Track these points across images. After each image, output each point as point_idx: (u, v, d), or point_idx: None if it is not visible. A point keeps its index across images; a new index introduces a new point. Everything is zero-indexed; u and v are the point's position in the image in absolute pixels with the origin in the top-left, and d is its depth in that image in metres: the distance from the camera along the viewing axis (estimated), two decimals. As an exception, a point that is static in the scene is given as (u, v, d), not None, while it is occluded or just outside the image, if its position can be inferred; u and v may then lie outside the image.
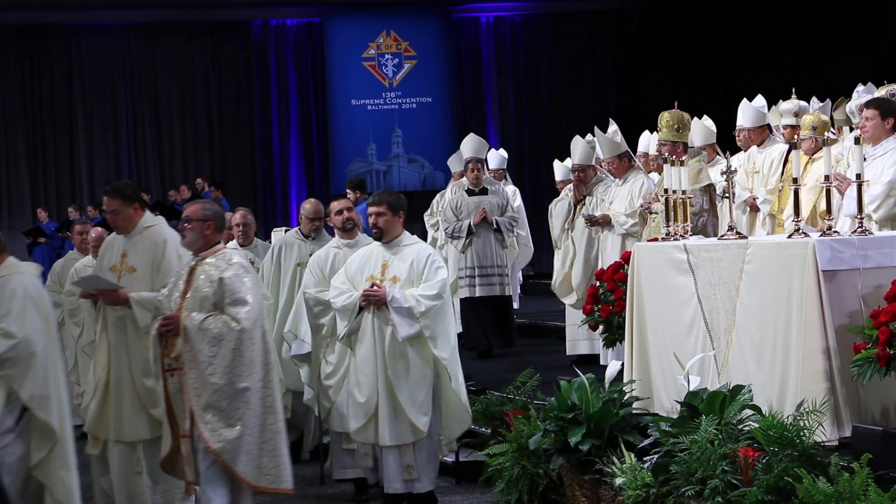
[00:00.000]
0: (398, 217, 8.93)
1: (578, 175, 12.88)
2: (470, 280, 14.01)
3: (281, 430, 7.84)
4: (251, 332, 7.68)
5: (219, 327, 7.64)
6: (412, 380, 8.73)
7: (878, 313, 7.10)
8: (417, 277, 8.76)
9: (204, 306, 7.73)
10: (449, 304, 8.84)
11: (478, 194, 14.11)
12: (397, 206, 8.93)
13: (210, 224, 7.87)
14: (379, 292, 8.69)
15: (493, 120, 26.56)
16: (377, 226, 8.89)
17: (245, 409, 7.64)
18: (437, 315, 8.67)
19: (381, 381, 8.74)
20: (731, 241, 8.48)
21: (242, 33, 26.24)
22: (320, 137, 26.39)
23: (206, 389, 7.63)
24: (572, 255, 12.78)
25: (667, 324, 8.95)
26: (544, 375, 10.42)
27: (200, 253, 7.90)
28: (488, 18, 26.88)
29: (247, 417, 7.65)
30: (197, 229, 7.85)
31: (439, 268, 8.79)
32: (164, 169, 26.16)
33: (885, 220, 9.24)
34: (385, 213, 8.89)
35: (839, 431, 7.50)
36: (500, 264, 14.05)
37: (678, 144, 11.15)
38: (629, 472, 7.75)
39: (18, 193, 25.28)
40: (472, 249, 13.98)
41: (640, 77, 24.84)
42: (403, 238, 8.97)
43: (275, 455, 7.76)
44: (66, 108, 25.58)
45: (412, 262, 8.80)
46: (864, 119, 9.42)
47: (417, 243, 8.99)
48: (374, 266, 8.89)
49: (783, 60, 20.58)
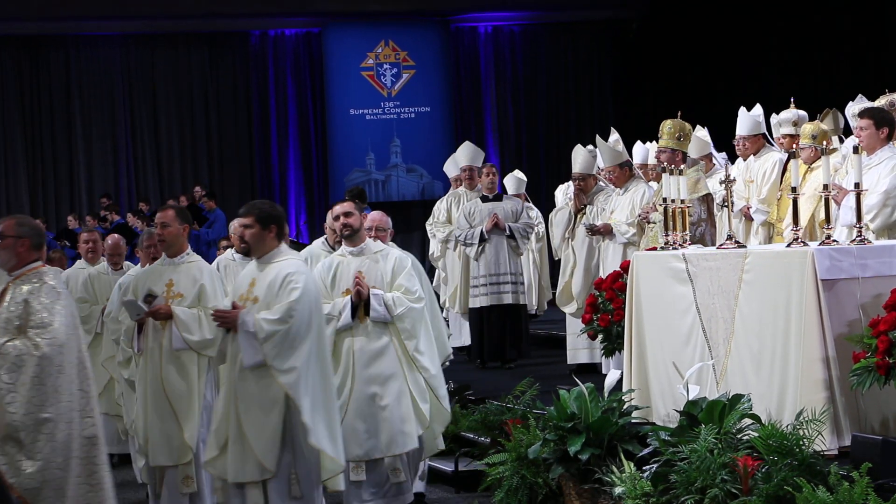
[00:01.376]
0: (269, 231, 7.90)
1: (579, 184, 12.85)
2: (483, 288, 13.78)
3: (104, 462, 7.28)
4: (54, 359, 7.01)
5: (19, 352, 7.01)
6: (258, 411, 7.77)
7: (877, 322, 7.10)
8: (273, 299, 7.77)
9: (8, 329, 7.10)
10: (298, 330, 7.72)
11: (492, 200, 13.95)
12: (268, 218, 7.92)
13: (25, 241, 7.27)
14: (228, 315, 7.81)
15: (492, 129, 26.57)
16: (243, 239, 7.99)
17: (47, 441, 6.98)
18: (280, 341, 7.65)
19: (232, 412, 7.87)
20: (730, 250, 8.49)
21: (241, 44, 26.25)
22: (319, 147, 26.40)
23: (2, 420, 6.95)
24: (572, 264, 12.75)
25: (666, 333, 8.95)
26: (544, 384, 10.42)
27: (14, 272, 7.26)
28: (487, 28, 26.90)
29: (49, 450, 6.99)
30: (10, 247, 7.26)
31: (293, 289, 7.72)
32: (162, 179, 26.15)
33: (881, 229, 9.26)
34: (252, 226, 7.90)
35: (839, 440, 7.50)
36: (513, 272, 13.80)
37: (677, 153, 11.14)
38: (628, 481, 7.74)
39: (17, 203, 25.27)
40: (484, 257, 13.79)
41: (638, 87, 24.88)
42: (275, 254, 7.92)
43: (99, 490, 7.18)
44: (64, 118, 25.58)
45: (270, 281, 7.84)
46: (858, 129, 9.46)
47: (287, 260, 7.92)
48: (244, 284, 8.04)
49: (782, 70, 20.61)
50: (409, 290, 8.86)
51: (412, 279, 8.95)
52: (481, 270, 13.79)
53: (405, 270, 8.94)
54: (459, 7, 26.23)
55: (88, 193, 25.47)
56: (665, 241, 9.34)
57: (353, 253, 9.07)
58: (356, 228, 9.07)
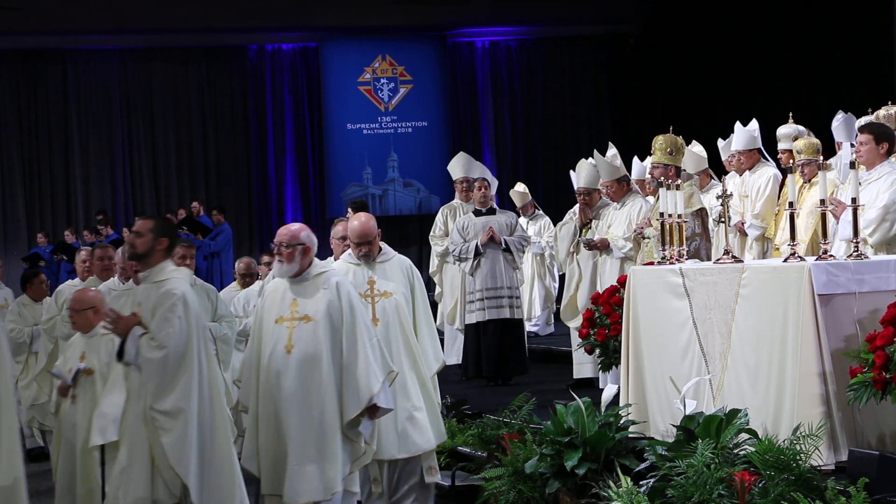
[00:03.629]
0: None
1: (584, 198, 12.75)
2: (479, 303, 13.55)
3: None
4: None
5: None
6: None
7: (874, 337, 7.10)
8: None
9: None
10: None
11: (485, 214, 13.81)
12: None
13: None
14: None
15: (489, 144, 26.59)
16: None
17: None
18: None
19: None
20: (727, 264, 8.49)
21: (238, 58, 26.27)
22: (316, 162, 26.40)
23: None
24: (577, 279, 12.65)
25: (662, 347, 8.95)
26: (540, 399, 10.40)
27: None
28: (484, 43, 26.93)
29: None
30: None
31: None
32: (159, 193, 26.14)
33: (880, 244, 9.27)
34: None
35: (835, 455, 7.50)
36: (509, 286, 13.59)
37: (671, 168, 11.14)
38: (625, 496, 7.73)
39: (13, 217, 25.26)
40: (480, 271, 13.58)
41: (635, 101, 24.89)
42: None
43: None
44: (61, 132, 25.57)
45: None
46: (858, 144, 9.47)
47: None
48: None
49: (779, 85, 20.62)
50: None
51: None
52: (477, 285, 13.61)
53: None
54: (457, 22, 26.25)
55: (85, 208, 25.45)
56: (662, 256, 9.34)
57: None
58: None
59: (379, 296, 8.68)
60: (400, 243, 26.01)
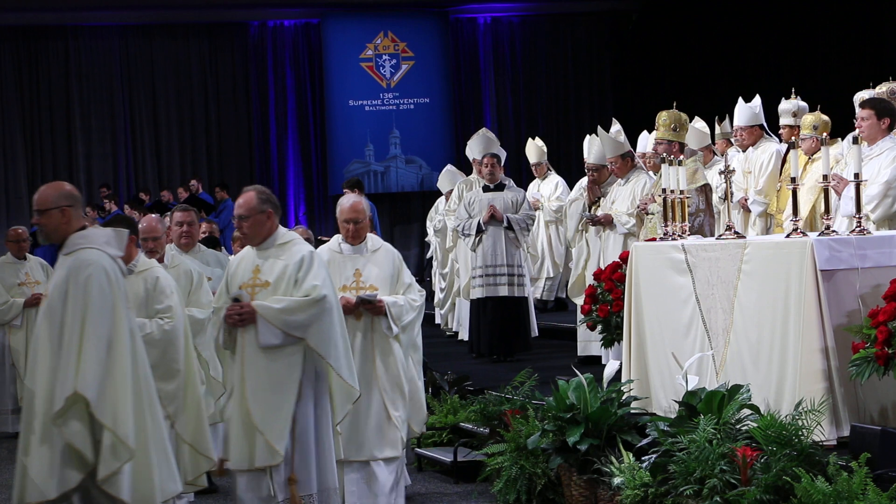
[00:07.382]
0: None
1: (593, 175, 12.65)
2: (480, 280, 13.52)
3: None
4: None
5: None
6: None
7: (876, 312, 7.11)
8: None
9: None
10: None
11: (493, 190, 13.71)
12: None
13: None
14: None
15: (491, 120, 26.55)
16: None
17: None
18: None
19: None
20: (730, 240, 8.48)
21: (240, 34, 26.23)
22: (318, 138, 26.38)
23: None
24: (586, 256, 12.59)
25: (665, 323, 8.95)
26: (543, 375, 10.41)
27: None
28: (486, 19, 26.88)
29: None
30: None
31: None
32: (161, 170, 26.14)
33: (882, 219, 9.26)
34: None
35: (837, 431, 7.51)
36: (510, 263, 13.47)
37: (674, 144, 11.15)
38: (627, 471, 7.75)
39: (16, 194, 25.27)
40: (481, 248, 13.52)
41: (638, 77, 24.85)
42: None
43: None
44: (63, 109, 25.56)
45: None
46: (859, 119, 9.45)
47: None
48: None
49: (782, 60, 20.58)
50: None
51: None
52: (479, 262, 13.57)
53: None
54: (458, -2, 26.24)
55: (87, 184, 25.43)
56: (664, 232, 9.33)
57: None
58: None
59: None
60: (402, 220, 26.02)
